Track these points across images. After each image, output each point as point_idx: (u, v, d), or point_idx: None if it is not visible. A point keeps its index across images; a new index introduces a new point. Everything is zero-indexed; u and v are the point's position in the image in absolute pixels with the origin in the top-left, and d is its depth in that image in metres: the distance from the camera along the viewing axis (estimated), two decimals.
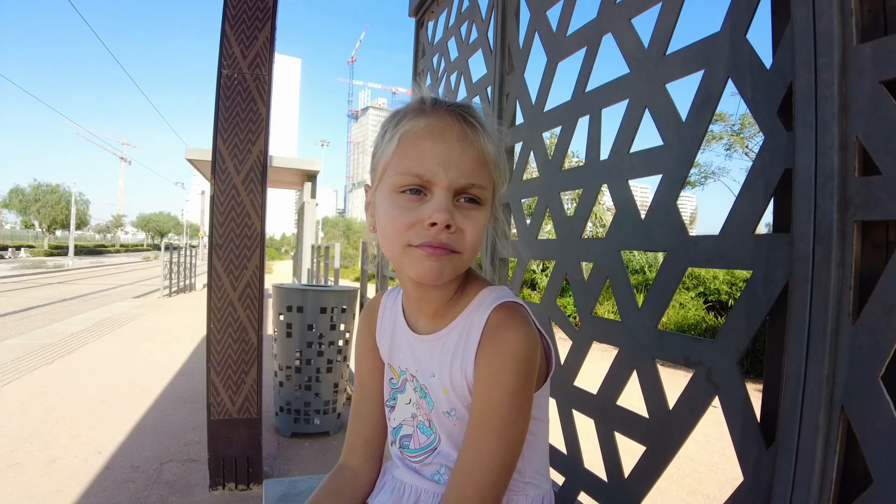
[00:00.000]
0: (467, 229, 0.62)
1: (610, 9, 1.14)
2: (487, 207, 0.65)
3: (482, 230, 0.64)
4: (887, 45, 0.59)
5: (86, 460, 2.43)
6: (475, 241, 0.63)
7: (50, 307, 9.80)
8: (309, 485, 1.12)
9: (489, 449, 0.61)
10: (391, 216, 0.63)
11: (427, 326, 0.73)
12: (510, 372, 0.61)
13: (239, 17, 2.14)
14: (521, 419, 0.63)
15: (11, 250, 40.89)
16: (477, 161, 0.62)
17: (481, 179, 0.63)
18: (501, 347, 0.62)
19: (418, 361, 0.73)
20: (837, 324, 0.62)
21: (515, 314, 0.65)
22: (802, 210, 0.66)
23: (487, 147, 0.64)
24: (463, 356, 0.66)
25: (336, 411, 2.96)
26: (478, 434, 0.62)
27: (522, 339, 0.62)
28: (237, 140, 2.14)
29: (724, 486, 2.76)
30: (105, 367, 4.36)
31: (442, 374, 0.69)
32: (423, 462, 0.74)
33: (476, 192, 0.63)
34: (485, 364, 0.63)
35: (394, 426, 0.78)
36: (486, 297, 0.69)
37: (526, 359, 0.61)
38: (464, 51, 2.00)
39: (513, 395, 0.61)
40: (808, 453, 0.63)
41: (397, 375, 0.77)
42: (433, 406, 0.71)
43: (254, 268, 2.17)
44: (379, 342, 0.81)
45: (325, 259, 6.09)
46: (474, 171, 0.62)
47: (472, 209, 0.63)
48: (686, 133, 0.91)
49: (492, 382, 0.62)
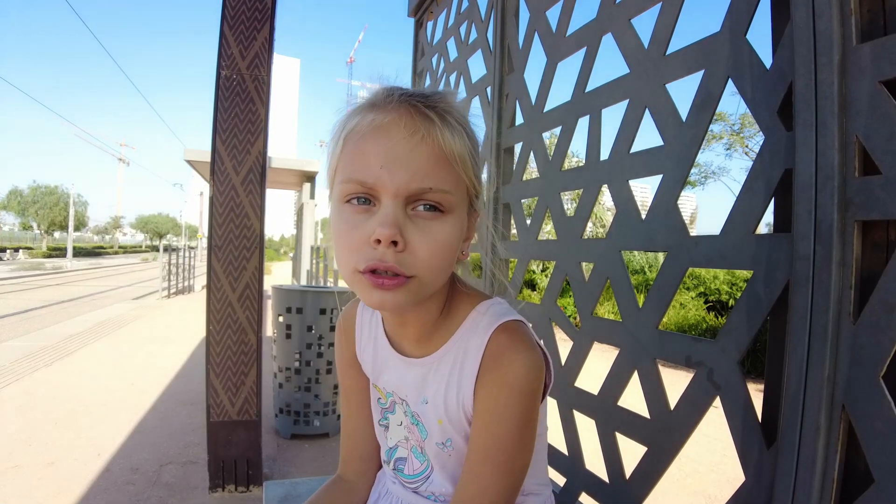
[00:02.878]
0: (419, 247, 0.51)
1: (609, 9, 1.14)
2: (456, 215, 0.54)
3: (444, 244, 0.53)
4: (887, 44, 0.59)
5: (85, 462, 2.42)
6: (432, 260, 0.52)
7: (48, 309, 9.78)
8: (309, 487, 1.12)
9: (492, 484, 0.56)
10: (337, 233, 0.53)
11: (413, 348, 0.65)
12: (516, 405, 0.55)
13: (237, 17, 2.14)
14: (526, 451, 0.58)
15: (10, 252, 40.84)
16: (433, 159, 0.51)
17: (441, 182, 0.52)
18: (506, 379, 0.56)
19: (407, 386, 0.66)
20: (838, 323, 0.62)
21: (517, 337, 0.58)
22: (803, 210, 0.66)
23: (449, 141, 0.52)
24: (459, 385, 0.60)
25: (336, 413, 2.96)
26: (479, 470, 0.57)
27: (528, 367, 0.56)
28: (236, 141, 2.14)
29: (725, 486, 2.76)
30: (104, 369, 4.35)
31: (436, 403, 0.62)
32: (417, 489, 0.70)
33: (435, 197, 0.51)
34: (487, 397, 0.57)
35: (390, 446, 0.72)
36: (482, 315, 0.61)
37: (533, 389, 0.56)
38: (463, 51, 2.00)
39: (519, 430, 0.56)
40: (809, 453, 0.63)
41: (385, 396, 0.71)
42: (426, 435, 0.65)
43: (253, 269, 2.16)
44: (360, 359, 0.73)
45: (325, 260, 6.08)
46: (430, 172, 0.51)
47: (431, 219, 0.52)
48: (686, 133, 0.91)
49: (496, 417, 0.56)
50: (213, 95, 2.14)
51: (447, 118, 0.53)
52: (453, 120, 0.54)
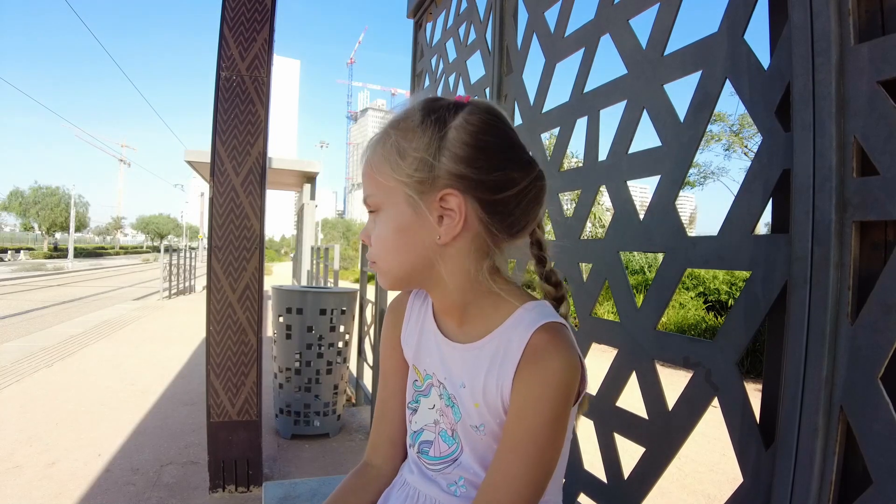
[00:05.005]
0: (371, 241, 0.68)
1: (608, 10, 1.14)
2: (386, 210, 0.65)
3: (380, 236, 0.66)
4: (885, 45, 0.59)
5: (85, 463, 2.42)
6: (377, 249, 0.67)
7: (49, 310, 9.79)
8: (308, 487, 1.12)
9: (520, 474, 0.59)
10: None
11: (457, 333, 0.71)
12: (551, 399, 0.59)
13: (237, 18, 2.14)
14: (556, 446, 0.61)
15: (11, 253, 40.88)
16: (366, 175, 0.67)
17: (370, 189, 0.66)
18: (544, 374, 0.60)
19: (448, 368, 0.70)
20: (836, 324, 0.62)
21: (559, 338, 0.62)
22: (801, 210, 0.66)
23: (370, 159, 0.66)
24: (500, 374, 0.64)
25: (336, 413, 2.96)
26: (509, 458, 0.60)
27: (566, 366, 0.60)
28: (236, 142, 2.14)
29: (723, 486, 2.76)
30: (105, 369, 4.36)
31: (474, 387, 0.66)
32: (441, 471, 0.71)
33: (369, 202, 0.67)
34: (524, 388, 0.61)
35: (414, 430, 0.75)
36: (528, 312, 0.66)
37: (567, 386, 0.60)
38: (462, 52, 2.00)
39: (551, 424, 0.59)
40: (807, 454, 0.63)
41: (422, 378, 0.75)
42: (460, 417, 0.68)
43: (253, 269, 2.17)
44: (404, 342, 0.78)
45: (325, 260, 6.09)
46: (365, 185, 0.67)
47: (374, 220, 0.67)
48: (684, 134, 0.91)
49: (531, 409, 0.60)
50: (213, 96, 2.14)
51: (380, 136, 0.66)
52: (382, 133, 0.66)
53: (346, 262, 22.32)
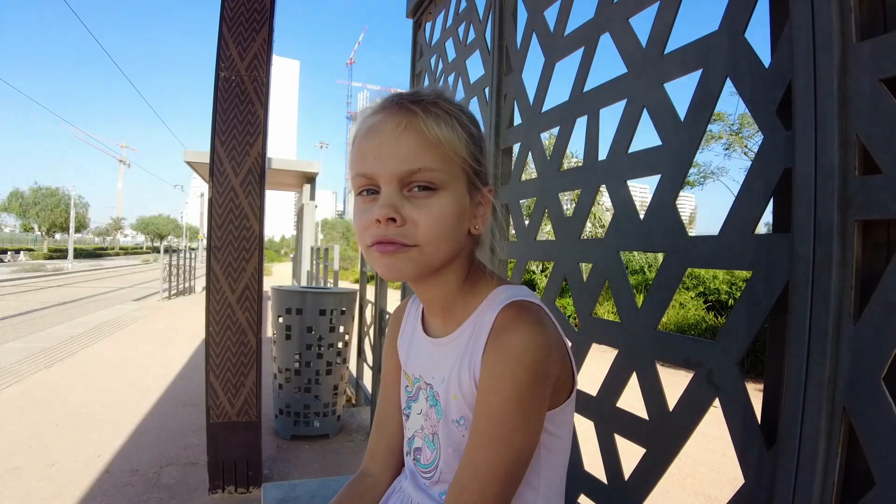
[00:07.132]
0: (419, 220, 0.58)
1: (607, 8, 1.14)
2: (450, 190, 0.60)
3: (441, 218, 0.58)
4: (887, 42, 0.58)
5: (85, 464, 2.42)
6: (431, 232, 0.58)
7: (49, 310, 9.79)
8: (307, 488, 1.12)
9: (489, 460, 0.56)
10: (355, 220, 0.64)
11: (440, 329, 0.70)
12: (513, 376, 0.55)
13: (236, 19, 2.14)
14: (527, 429, 0.57)
15: (10, 254, 40.87)
16: (418, 144, 0.58)
17: (429, 161, 0.58)
18: (505, 349, 0.56)
19: (433, 367, 0.69)
20: (839, 324, 0.61)
21: (526, 314, 0.59)
22: (802, 209, 0.66)
23: (433, 127, 0.58)
24: (471, 358, 0.62)
25: (336, 414, 2.95)
26: (476, 444, 0.57)
27: (528, 339, 0.56)
28: (235, 142, 2.14)
29: (725, 486, 2.75)
30: (104, 370, 4.35)
31: (451, 378, 0.64)
32: (432, 480, 0.69)
33: (425, 176, 0.58)
34: (487, 368, 0.58)
35: (408, 437, 0.74)
36: (499, 294, 0.64)
37: (533, 361, 0.55)
38: (461, 52, 2.00)
39: (516, 402, 0.55)
40: (809, 455, 0.63)
41: (412, 383, 0.74)
42: (442, 415, 0.66)
43: (252, 270, 2.16)
44: (399, 349, 0.78)
45: (325, 261, 6.08)
46: (417, 154, 0.58)
47: (426, 197, 0.59)
48: (685, 133, 0.90)
49: (493, 387, 0.56)
50: (212, 97, 2.14)
51: (431, 109, 0.60)
52: (439, 109, 0.60)
53: (345, 263, 22.31)
